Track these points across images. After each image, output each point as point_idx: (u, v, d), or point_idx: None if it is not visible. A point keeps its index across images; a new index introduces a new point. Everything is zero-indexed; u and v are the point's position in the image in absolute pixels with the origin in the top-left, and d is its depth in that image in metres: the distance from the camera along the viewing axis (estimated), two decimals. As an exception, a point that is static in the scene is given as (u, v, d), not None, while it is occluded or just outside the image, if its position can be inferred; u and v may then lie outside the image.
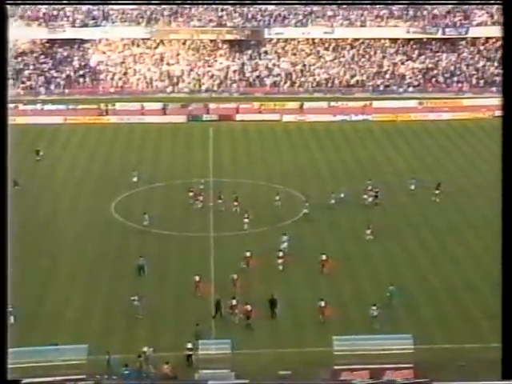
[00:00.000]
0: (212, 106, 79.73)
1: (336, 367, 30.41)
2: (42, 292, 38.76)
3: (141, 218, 48.03)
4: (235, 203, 50.02)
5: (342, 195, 51.49)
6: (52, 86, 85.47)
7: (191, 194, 51.53)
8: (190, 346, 31.53)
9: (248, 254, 41.34)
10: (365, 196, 51.99)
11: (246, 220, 47.25)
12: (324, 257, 41.38)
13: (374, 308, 35.73)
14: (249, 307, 35.23)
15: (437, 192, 52.91)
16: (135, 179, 55.84)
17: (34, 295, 37.98)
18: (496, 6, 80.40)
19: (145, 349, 31.52)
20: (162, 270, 41.79)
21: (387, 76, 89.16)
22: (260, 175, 59.12)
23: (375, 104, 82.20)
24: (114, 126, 74.45)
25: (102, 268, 41.76)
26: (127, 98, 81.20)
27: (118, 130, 73.43)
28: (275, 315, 35.79)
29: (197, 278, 38.06)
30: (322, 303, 36.04)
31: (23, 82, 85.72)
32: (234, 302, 35.82)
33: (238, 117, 77.85)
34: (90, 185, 56.48)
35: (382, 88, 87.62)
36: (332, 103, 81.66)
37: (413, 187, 54.35)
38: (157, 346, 32.39)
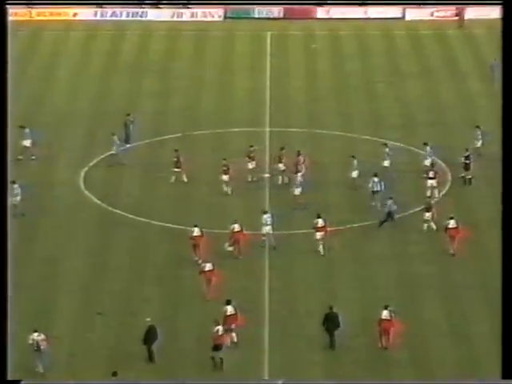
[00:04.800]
0: (270, -9, 79.48)
1: None
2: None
3: (130, 196, 50.63)
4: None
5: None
6: None
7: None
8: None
9: (237, 226, 44.92)
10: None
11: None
12: (452, 222, 45.12)
13: (376, 180, 47.73)
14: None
15: None
16: (130, 126, 56.80)
17: None
18: None
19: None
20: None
21: None
22: (354, 121, 60.02)
23: None
24: (84, 28, 76.50)
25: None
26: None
27: (93, 34, 75.08)
28: (334, 345, 38.27)
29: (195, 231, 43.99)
30: (384, 313, 37.61)
31: None
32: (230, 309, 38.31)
33: (320, 12, 78.36)
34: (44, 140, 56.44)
35: None
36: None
37: None
38: None
